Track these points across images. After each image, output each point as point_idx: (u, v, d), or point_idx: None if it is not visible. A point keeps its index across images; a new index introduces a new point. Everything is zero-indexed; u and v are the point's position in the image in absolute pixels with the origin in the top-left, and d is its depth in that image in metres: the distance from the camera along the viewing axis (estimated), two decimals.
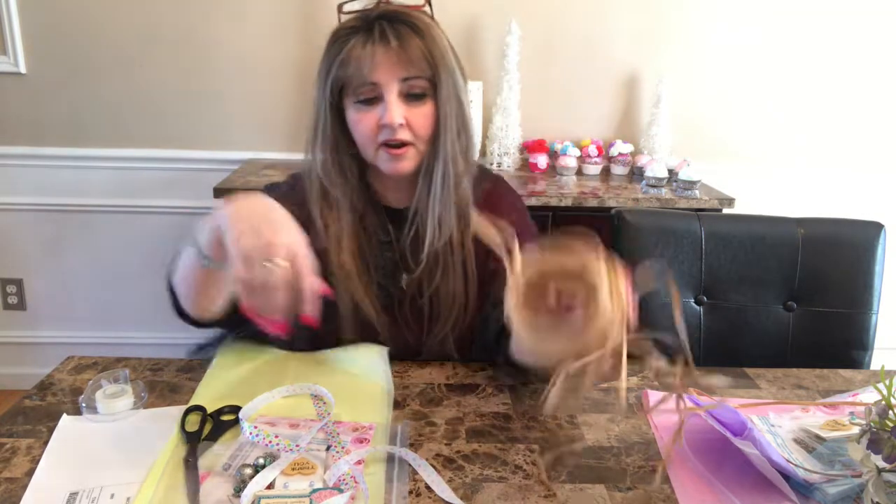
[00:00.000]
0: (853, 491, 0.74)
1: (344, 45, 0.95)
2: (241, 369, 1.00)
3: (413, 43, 0.94)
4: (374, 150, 0.98)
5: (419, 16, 0.97)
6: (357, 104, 0.97)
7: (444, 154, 0.99)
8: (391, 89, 0.94)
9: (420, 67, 0.95)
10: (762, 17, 2.33)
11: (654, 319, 1.29)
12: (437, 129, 0.98)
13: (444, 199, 1.01)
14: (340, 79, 0.96)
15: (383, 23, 0.94)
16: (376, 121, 0.95)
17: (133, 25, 2.22)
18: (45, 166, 2.32)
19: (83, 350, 1.13)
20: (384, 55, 0.93)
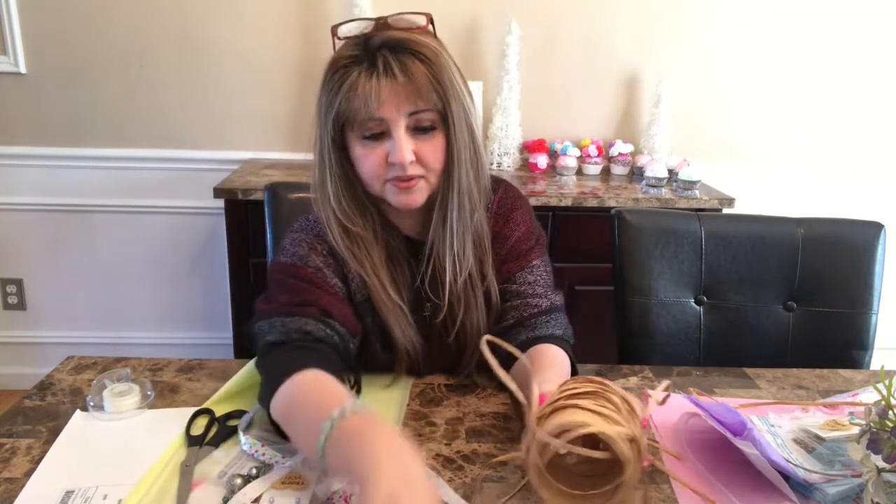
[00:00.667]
0: (853, 491, 0.74)
1: (345, 77, 0.88)
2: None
3: (420, 74, 0.86)
4: (381, 185, 0.92)
5: (424, 42, 0.88)
6: (363, 140, 0.90)
7: (458, 186, 0.94)
8: (399, 125, 0.87)
9: (428, 100, 0.88)
10: (762, 18, 2.33)
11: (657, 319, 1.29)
12: (451, 162, 0.92)
13: (461, 234, 0.96)
14: (343, 113, 0.89)
15: (386, 53, 0.87)
16: (384, 157, 0.89)
17: (133, 25, 2.22)
18: (46, 166, 2.32)
19: (83, 350, 1.13)
20: (390, 90, 0.86)
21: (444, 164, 0.93)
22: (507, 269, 1.03)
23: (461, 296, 0.98)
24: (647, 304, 1.27)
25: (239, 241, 1.99)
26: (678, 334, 1.28)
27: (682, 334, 1.29)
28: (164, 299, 2.46)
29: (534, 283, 1.03)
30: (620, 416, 0.66)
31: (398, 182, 0.91)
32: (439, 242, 0.97)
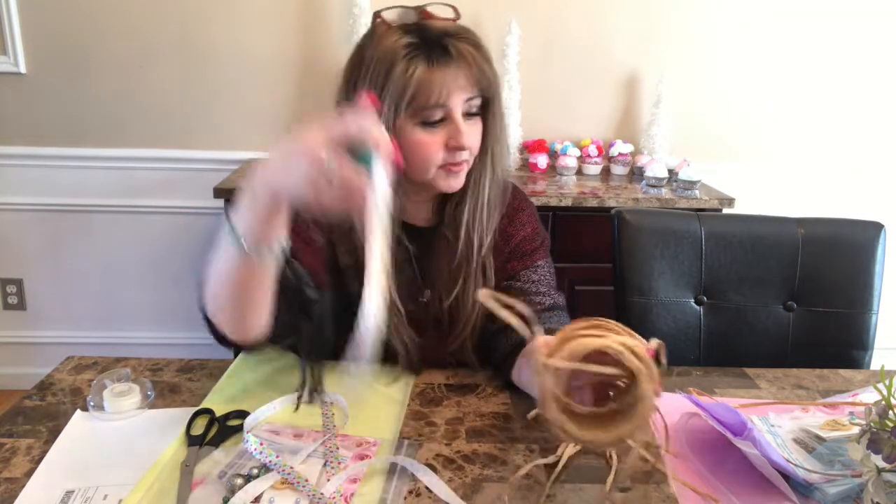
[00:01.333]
0: (853, 491, 0.74)
1: (412, 64, 0.89)
2: (261, 371, 1.00)
3: (481, 61, 0.92)
4: (434, 169, 0.95)
5: (476, 33, 0.95)
6: (423, 125, 0.92)
7: (494, 170, 1.00)
8: (458, 109, 0.92)
9: (483, 87, 0.93)
10: (762, 17, 2.33)
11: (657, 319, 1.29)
12: (489, 147, 0.98)
13: (490, 215, 1.02)
14: (409, 99, 0.90)
15: (452, 41, 0.91)
16: (443, 142, 0.93)
17: (133, 25, 2.22)
18: (45, 166, 2.32)
19: (83, 350, 1.13)
20: (457, 74, 0.90)
21: (481, 150, 0.98)
22: (512, 267, 1.05)
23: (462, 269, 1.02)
24: (647, 304, 1.27)
25: None
26: (678, 334, 1.28)
27: (682, 334, 1.29)
28: (164, 299, 2.46)
29: (538, 281, 1.04)
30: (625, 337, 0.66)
31: (452, 166, 0.95)
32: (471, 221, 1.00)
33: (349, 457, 0.80)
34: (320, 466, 0.78)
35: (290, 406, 0.92)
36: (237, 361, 1.03)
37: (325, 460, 0.79)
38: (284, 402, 0.92)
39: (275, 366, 1.01)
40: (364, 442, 0.83)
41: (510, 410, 0.93)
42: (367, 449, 0.82)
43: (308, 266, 0.94)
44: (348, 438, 0.84)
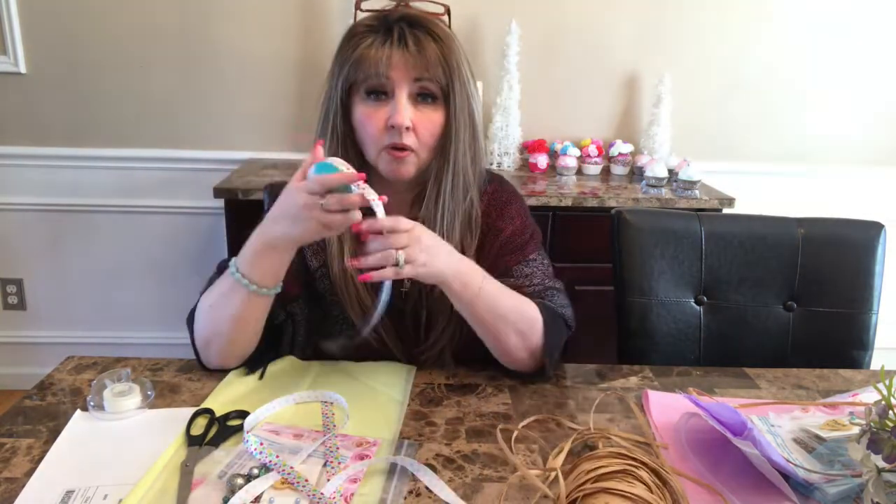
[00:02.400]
0: (853, 491, 0.74)
1: (360, 42, 0.94)
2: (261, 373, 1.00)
3: (431, 49, 0.93)
4: (377, 151, 0.97)
5: (439, 24, 0.97)
6: (366, 98, 0.95)
7: (454, 165, 0.99)
8: (402, 88, 0.94)
9: (434, 73, 0.94)
10: (762, 17, 2.33)
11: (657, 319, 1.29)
12: (448, 139, 0.98)
13: (452, 210, 1.01)
14: (353, 76, 0.95)
15: (403, 26, 0.94)
16: (385, 120, 0.94)
17: (133, 25, 2.22)
18: (46, 166, 2.32)
19: (83, 350, 1.13)
20: (401, 57, 0.93)
21: (442, 142, 0.98)
22: (505, 262, 1.06)
23: None
24: (647, 304, 1.27)
25: (239, 241, 1.96)
26: (678, 334, 1.28)
27: (682, 334, 1.29)
28: (164, 299, 2.46)
29: (530, 275, 1.05)
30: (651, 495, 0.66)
31: (392, 150, 0.96)
32: (430, 217, 1.01)
33: (349, 457, 0.80)
34: (320, 466, 0.78)
35: (291, 406, 0.92)
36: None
37: (325, 460, 0.79)
38: (284, 402, 0.92)
39: (275, 366, 1.01)
40: (364, 442, 0.83)
41: (510, 410, 0.93)
42: (367, 449, 0.82)
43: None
44: (348, 438, 0.84)
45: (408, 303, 1.06)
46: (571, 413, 0.93)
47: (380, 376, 1.00)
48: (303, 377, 0.99)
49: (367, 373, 1.01)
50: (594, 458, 0.71)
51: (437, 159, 1.00)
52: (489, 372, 1.04)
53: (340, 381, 0.98)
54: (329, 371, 1.02)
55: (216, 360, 0.99)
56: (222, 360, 0.99)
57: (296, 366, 1.03)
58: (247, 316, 0.94)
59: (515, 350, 0.98)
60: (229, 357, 0.99)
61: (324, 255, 1.05)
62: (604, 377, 1.05)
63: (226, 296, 0.93)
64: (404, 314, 1.06)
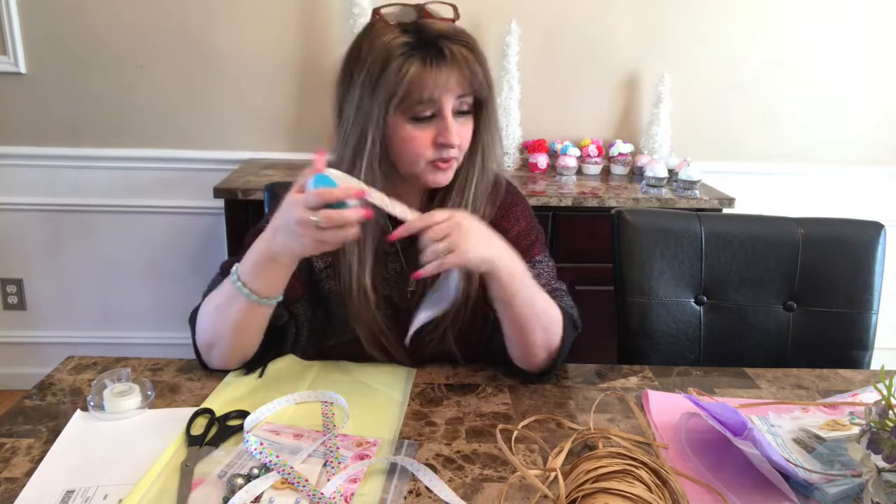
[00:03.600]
0: (853, 491, 0.74)
1: (406, 63, 0.91)
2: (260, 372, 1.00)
3: (473, 62, 0.94)
4: (424, 164, 0.97)
5: (472, 36, 0.96)
6: (412, 121, 0.95)
7: (483, 170, 1.02)
8: (448, 107, 0.94)
9: (475, 88, 0.95)
10: (762, 17, 2.33)
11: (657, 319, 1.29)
12: (480, 147, 1.00)
13: (474, 211, 1.03)
14: (404, 100, 0.93)
15: (447, 43, 0.92)
16: (432, 138, 0.95)
17: (133, 25, 2.22)
18: (45, 166, 2.32)
19: (83, 350, 1.13)
20: (446, 76, 0.92)
21: (471, 148, 1.00)
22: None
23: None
24: (647, 304, 1.27)
25: (239, 241, 1.98)
26: (678, 334, 1.28)
27: (682, 334, 1.29)
28: (164, 299, 2.46)
29: (537, 276, 1.05)
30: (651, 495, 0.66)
31: (441, 162, 0.97)
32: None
33: (349, 457, 0.80)
34: (320, 466, 0.78)
35: (291, 406, 0.92)
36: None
37: (325, 460, 0.79)
38: (284, 403, 0.92)
39: (275, 366, 1.01)
40: (364, 442, 0.83)
41: (510, 410, 0.93)
42: (367, 449, 0.82)
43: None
44: (348, 438, 0.84)
45: (412, 302, 1.05)
46: (571, 413, 0.93)
47: (380, 376, 1.00)
48: (303, 377, 0.99)
49: (367, 373, 1.01)
50: (594, 458, 0.71)
51: (465, 164, 1.01)
52: (489, 372, 1.04)
53: (340, 381, 0.98)
54: (329, 371, 1.02)
55: (217, 362, 1.00)
56: (223, 363, 1.00)
57: (296, 366, 1.03)
58: (247, 323, 0.95)
59: (537, 348, 0.97)
60: (230, 360, 0.99)
61: (330, 256, 1.05)
62: (604, 377, 1.05)
63: (227, 303, 0.93)
64: (409, 314, 1.05)
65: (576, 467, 0.72)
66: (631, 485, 0.67)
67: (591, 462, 0.71)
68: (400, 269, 1.06)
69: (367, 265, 1.01)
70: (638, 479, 0.68)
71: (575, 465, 0.73)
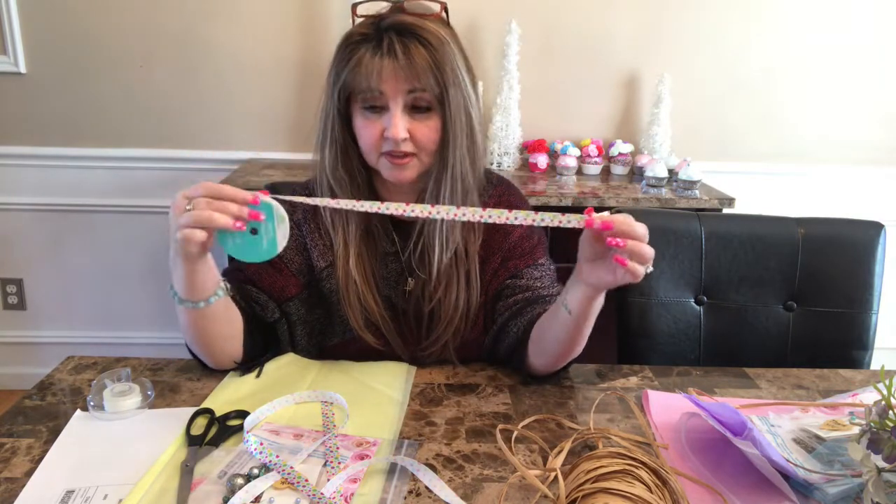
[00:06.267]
0: (853, 491, 0.74)
1: (353, 52, 0.93)
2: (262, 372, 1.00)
3: (421, 58, 0.91)
4: (376, 157, 0.98)
5: (432, 29, 0.93)
6: (364, 111, 0.96)
7: (452, 169, 0.98)
8: (397, 101, 0.93)
9: (426, 83, 0.92)
10: (761, 17, 2.33)
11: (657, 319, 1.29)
12: (445, 144, 0.97)
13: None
14: (348, 85, 0.95)
15: (392, 35, 0.92)
16: (381, 130, 0.95)
17: (133, 25, 2.22)
18: (45, 166, 2.32)
19: (83, 350, 1.13)
20: (391, 68, 0.91)
21: (439, 147, 0.97)
22: (514, 265, 1.06)
23: (445, 272, 1.03)
24: (647, 304, 1.27)
25: None
26: (678, 334, 1.28)
27: (682, 334, 1.29)
28: (164, 299, 2.45)
29: (540, 278, 1.06)
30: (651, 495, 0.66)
31: (391, 157, 0.96)
32: (430, 220, 1.01)
33: (349, 457, 0.80)
34: (320, 466, 0.78)
35: (291, 406, 0.92)
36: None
37: (325, 460, 0.79)
38: (284, 402, 0.92)
39: (275, 366, 1.01)
40: (364, 442, 0.83)
41: (510, 410, 0.93)
42: (367, 449, 0.82)
43: (266, 286, 1.03)
44: (348, 438, 0.84)
45: (410, 302, 1.06)
46: (571, 413, 0.93)
47: (380, 376, 1.00)
48: (303, 377, 0.99)
49: (367, 373, 1.01)
50: (594, 458, 0.71)
51: (436, 164, 0.99)
52: (489, 372, 1.04)
53: (340, 381, 0.98)
54: (329, 371, 1.02)
55: (208, 364, 1.00)
56: (215, 364, 1.00)
57: (296, 366, 1.03)
58: (205, 328, 0.93)
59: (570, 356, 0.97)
60: (219, 361, 0.99)
61: (331, 255, 1.05)
62: (604, 377, 1.05)
63: (179, 316, 0.93)
64: (407, 314, 1.06)
65: (576, 467, 0.72)
66: (631, 485, 0.67)
67: (591, 462, 0.71)
68: (399, 270, 1.06)
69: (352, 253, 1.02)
70: (638, 479, 0.68)
71: (575, 465, 0.73)
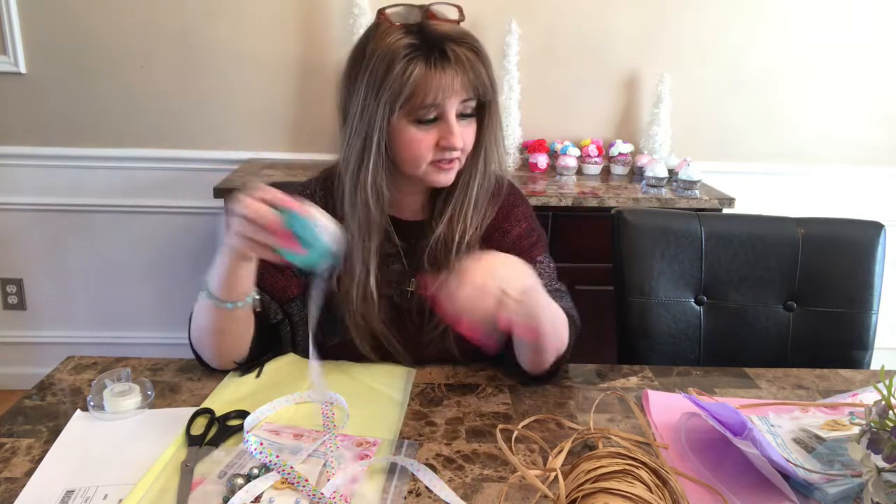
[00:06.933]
0: (853, 491, 0.74)
1: (411, 65, 0.90)
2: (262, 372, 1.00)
3: (480, 68, 0.93)
4: (425, 165, 0.98)
5: (477, 38, 0.95)
6: (417, 123, 0.94)
7: (486, 170, 1.02)
8: (452, 110, 0.94)
9: (479, 91, 0.94)
10: (762, 17, 2.33)
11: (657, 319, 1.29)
12: (483, 149, 1.00)
13: (477, 211, 1.03)
14: (405, 99, 0.92)
15: (452, 45, 0.92)
16: (435, 140, 0.95)
17: (133, 25, 2.22)
18: (45, 166, 2.32)
19: (83, 350, 1.13)
20: (456, 81, 0.92)
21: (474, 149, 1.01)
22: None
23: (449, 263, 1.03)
24: (647, 304, 1.27)
25: None
26: (678, 334, 1.28)
27: (682, 334, 1.29)
28: (164, 299, 2.46)
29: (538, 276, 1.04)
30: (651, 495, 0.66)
31: (443, 163, 0.97)
32: (456, 216, 1.03)
33: (349, 457, 0.80)
34: (320, 466, 0.78)
35: (291, 406, 0.92)
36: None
37: (325, 460, 0.79)
38: (284, 402, 0.92)
39: (275, 366, 1.01)
40: (364, 442, 0.83)
41: (510, 410, 0.93)
42: (367, 449, 0.82)
43: (269, 286, 1.03)
44: (348, 438, 0.84)
45: (413, 301, 1.05)
46: (571, 413, 0.93)
47: (380, 376, 1.00)
48: (303, 377, 0.99)
49: (367, 373, 1.01)
50: (594, 458, 0.71)
51: (468, 165, 1.02)
52: (489, 372, 1.04)
53: (340, 381, 0.98)
54: (329, 371, 1.01)
55: (210, 363, 1.00)
56: (218, 363, 1.00)
57: (296, 366, 1.02)
58: (222, 327, 0.95)
59: (549, 353, 0.97)
60: (220, 362, 1.00)
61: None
62: (604, 377, 1.05)
63: (202, 310, 0.94)
64: (410, 312, 1.06)
65: (576, 467, 0.72)
66: (631, 485, 0.67)
67: (591, 462, 0.71)
68: (401, 270, 1.06)
69: (372, 271, 1.01)
70: (638, 479, 0.68)
71: (575, 465, 0.73)
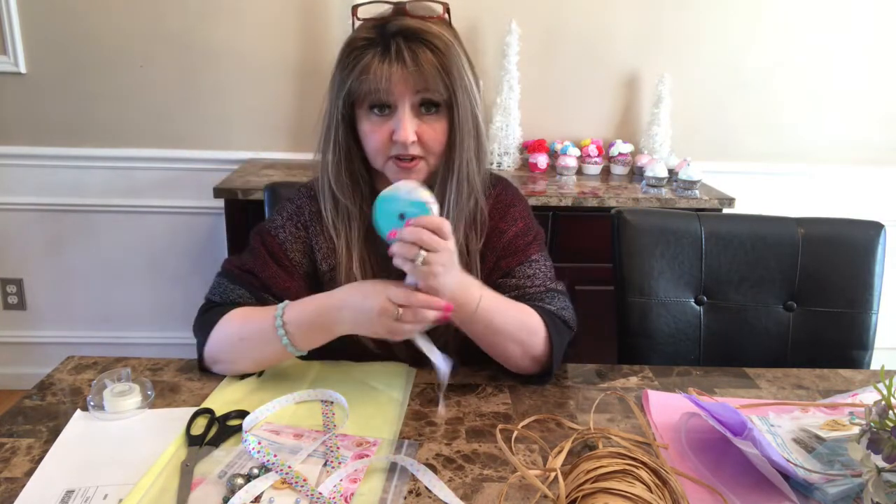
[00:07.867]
0: (853, 491, 0.74)
1: (359, 58, 0.92)
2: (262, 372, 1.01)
3: (429, 64, 0.91)
4: (383, 161, 0.97)
5: (438, 33, 0.93)
6: (370, 114, 0.95)
7: (458, 172, 0.98)
8: (405, 103, 0.93)
9: (435, 87, 0.93)
10: (762, 17, 2.33)
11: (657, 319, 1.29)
12: (453, 147, 0.97)
13: (455, 215, 1.00)
14: (354, 91, 0.94)
15: (400, 41, 0.91)
16: (388, 134, 0.94)
17: (133, 25, 2.22)
18: (45, 166, 2.32)
19: (83, 350, 1.13)
20: (399, 74, 0.91)
21: (445, 149, 0.98)
22: (506, 264, 1.06)
23: None
24: (647, 304, 1.27)
25: (239, 242, 1.99)
26: (678, 334, 1.28)
27: (682, 334, 1.29)
28: (164, 299, 2.46)
29: (532, 276, 1.05)
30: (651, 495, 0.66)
31: (399, 161, 0.96)
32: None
33: (349, 457, 0.80)
34: (320, 466, 0.78)
35: (291, 406, 0.92)
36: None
37: (325, 460, 0.79)
38: (284, 402, 0.92)
39: (275, 366, 1.01)
40: (364, 442, 0.83)
41: (510, 410, 0.93)
42: (367, 449, 0.82)
43: (279, 291, 1.03)
44: (348, 438, 0.84)
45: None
46: (571, 413, 0.93)
47: (380, 376, 1.00)
48: (303, 377, 0.99)
49: (367, 373, 1.01)
50: (594, 458, 0.71)
51: (443, 165, 0.99)
52: (489, 372, 1.04)
53: (340, 381, 0.98)
54: (329, 371, 1.02)
55: (222, 372, 1.01)
56: (232, 374, 1.00)
57: (296, 365, 1.02)
58: (270, 360, 0.98)
59: (517, 359, 0.98)
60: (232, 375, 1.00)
61: (333, 259, 1.05)
62: (604, 377, 1.05)
63: (259, 338, 0.94)
64: None
65: (576, 467, 0.72)
66: (631, 485, 0.67)
67: (591, 462, 0.71)
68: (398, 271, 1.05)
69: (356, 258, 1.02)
70: (638, 479, 0.68)
71: (575, 465, 0.73)
